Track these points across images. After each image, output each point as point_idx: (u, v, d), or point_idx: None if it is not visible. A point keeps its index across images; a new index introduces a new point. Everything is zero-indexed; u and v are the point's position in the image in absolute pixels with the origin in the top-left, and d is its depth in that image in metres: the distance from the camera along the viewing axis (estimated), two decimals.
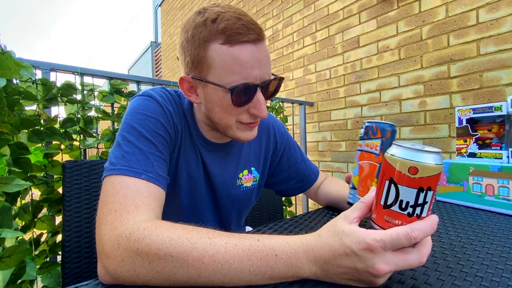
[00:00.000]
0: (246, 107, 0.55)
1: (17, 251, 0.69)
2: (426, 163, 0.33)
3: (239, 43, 0.49)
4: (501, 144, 0.83)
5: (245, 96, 0.52)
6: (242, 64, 0.49)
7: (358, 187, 0.53)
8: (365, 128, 0.52)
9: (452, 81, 1.59)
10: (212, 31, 0.49)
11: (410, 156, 0.33)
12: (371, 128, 0.51)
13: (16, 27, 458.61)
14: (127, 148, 0.49)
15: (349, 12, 2.16)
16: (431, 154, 0.33)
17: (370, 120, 0.52)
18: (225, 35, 0.48)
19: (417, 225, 0.33)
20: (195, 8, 4.68)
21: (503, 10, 1.40)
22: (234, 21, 0.49)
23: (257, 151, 0.75)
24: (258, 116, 0.55)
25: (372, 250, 0.33)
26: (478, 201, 0.75)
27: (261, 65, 0.51)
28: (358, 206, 0.38)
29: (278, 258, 0.36)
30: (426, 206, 0.34)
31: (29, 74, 0.90)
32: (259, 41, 0.51)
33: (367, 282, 0.35)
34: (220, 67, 0.50)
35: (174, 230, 0.38)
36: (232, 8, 0.51)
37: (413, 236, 0.32)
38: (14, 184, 0.74)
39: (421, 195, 0.33)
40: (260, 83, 0.53)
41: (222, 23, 0.48)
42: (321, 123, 2.42)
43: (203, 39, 0.50)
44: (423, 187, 0.33)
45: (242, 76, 0.50)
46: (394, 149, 0.35)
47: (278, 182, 0.82)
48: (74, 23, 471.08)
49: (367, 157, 0.51)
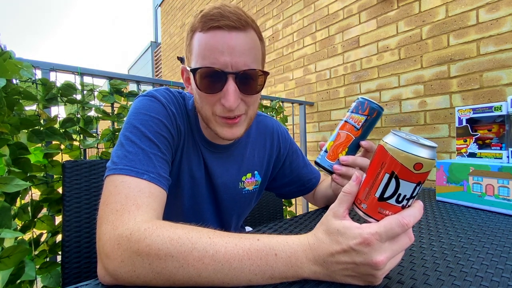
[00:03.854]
0: (218, 96, 0.53)
1: (16, 251, 0.69)
2: (430, 158, 0.32)
3: (211, 28, 0.50)
4: (501, 144, 0.83)
5: (212, 82, 0.52)
6: (211, 49, 0.50)
7: (329, 151, 0.57)
8: (357, 103, 0.56)
9: (452, 81, 1.59)
10: (196, 21, 0.52)
11: (416, 151, 0.32)
12: (362, 104, 0.55)
13: (17, 27, 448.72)
14: (130, 148, 0.49)
15: (349, 12, 2.16)
16: (432, 150, 0.33)
17: (364, 97, 0.53)
18: (202, 22, 0.51)
19: (407, 212, 0.34)
20: (195, 8, 4.68)
21: (503, 10, 1.40)
22: (211, 9, 0.51)
23: (261, 155, 0.75)
24: (225, 107, 0.53)
25: (368, 243, 0.33)
26: (478, 201, 0.75)
27: (233, 53, 0.50)
28: (344, 198, 0.38)
29: (278, 257, 0.36)
30: (415, 198, 0.35)
31: (29, 74, 0.89)
32: (235, 29, 0.50)
33: (368, 277, 0.35)
34: (197, 53, 0.52)
35: (174, 230, 0.38)
36: (224, 4, 0.52)
37: (406, 223, 0.33)
38: (14, 184, 0.74)
39: (417, 189, 0.34)
40: (232, 71, 0.51)
41: (203, 12, 0.51)
42: (321, 123, 2.42)
43: (190, 30, 0.54)
44: (421, 181, 0.34)
45: (210, 61, 0.51)
46: (396, 140, 0.33)
47: (280, 186, 0.82)
48: (75, 23, 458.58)
49: (347, 129, 0.55)
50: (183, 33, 5.15)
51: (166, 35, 5.96)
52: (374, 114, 0.54)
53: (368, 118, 0.54)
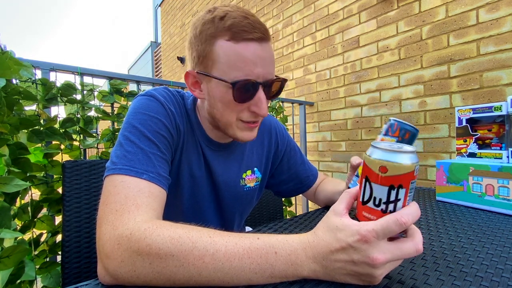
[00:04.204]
0: (247, 104, 0.55)
1: (16, 251, 0.69)
2: (395, 162, 0.34)
3: (243, 40, 0.50)
4: (501, 144, 0.83)
5: (247, 93, 0.53)
6: (245, 61, 0.51)
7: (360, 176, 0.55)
8: (387, 125, 0.54)
9: (452, 81, 1.59)
10: (219, 28, 0.51)
11: (381, 156, 0.35)
12: (392, 126, 0.52)
13: (17, 27, 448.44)
14: (129, 148, 0.49)
15: (349, 12, 2.16)
16: (402, 154, 0.34)
17: (395, 118, 0.52)
18: (231, 32, 0.50)
19: (404, 210, 0.34)
20: (195, 8, 4.68)
21: (503, 10, 1.40)
22: (241, 19, 0.51)
23: (260, 152, 0.75)
24: (258, 114, 0.56)
25: (366, 240, 0.33)
26: (478, 201, 0.75)
27: (264, 64, 0.52)
28: (343, 196, 0.39)
29: (278, 255, 0.37)
30: (400, 203, 0.35)
31: (29, 74, 0.89)
32: (263, 40, 0.52)
33: (366, 275, 0.35)
34: (224, 62, 0.51)
35: (174, 230, 0.38)
36: (241, 9, 0.53)
37: (403, 221, 0.33)
38: (13, 184, 0.74)
39: (393, 193, 0.35)
40: (262, 82, 0.54)
41: (229, 20, 0.50)
42: (321, 123, 2.42)
43: (210, 35, 0.52)
44: (394, 185, 0.34)
45: (244, 73, 0.51)
46: (370, 149, 0.37)
47: (277, 183, 0.82)
48: (75, 23, 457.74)
49: None
50: (183, 33, 5.15)
51: (166, 35, 5.96)
52: (407, 135, 0.51)
53: (399, 139, 0.51)
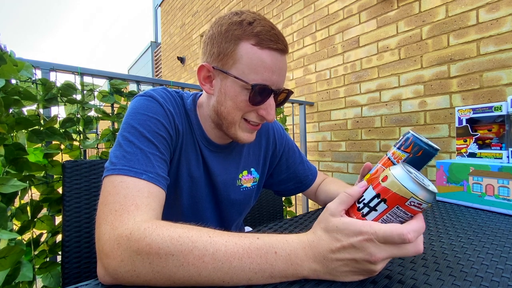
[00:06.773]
0: (257, 107, 0.57)
1: (12, 252, 0.69)
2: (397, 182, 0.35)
3: (268, 48, 0.53)
4: (501, 144, 0.83)
5: (261, 97, 0.56)
6: (265, 67, 0.54)
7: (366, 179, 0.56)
8: (403, 138, 0.51)
9: (452, 81, 1.59)
10: (247, 31, 0.53)
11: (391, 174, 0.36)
12: (406, 140, 0.49)
13: (17, 27, 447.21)
14: (128, 148, 0.49)
15: (349, 12, 2.16)
16: (398, 177, 0.35)
17: (415, 133, 0.49)
18: (258, 38, 0.53)
19: (411, 226, 0.34)
20: (195, 8, 4.68)
21: (503, 10, 1.40)
22: (269, 28, 0.54)
23: (257, 153, 0.75)
24: (265, 119, 0.59)
25: (368, 240, 0.34)
26: (478, 201, 0.75)
27: (280, 74, 0.56)
28: (344, 198, 0.39)
29: (277, 255, 0.37)
30: (374, 213, 0.36)
31: (29, 74, 0.89)
32: (284, 52, 0.56)
33: (366, 271, 0.36)
34: (245, 64, 0.54)
35: (174, 229, 0.38)
36: (267, 19, 0.57)
37: (408, 237, 0.33)
38: (10, 185, 0.73)
39: (375, 200, 0.36)
40: (275, 89, 0.57)
41: (258, 27, 0.54)
42: (321, 123, 2.42)
43: (236, 36, 0.54)
44: (380, 194, 0.36)
45: (262, 78, 0.54)
46: (398, 168, 0.37)
47: (277, 182, 0.83)
48: (75, 23, 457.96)
49: (386, 164, 0.51)
50: (183, 33, 5.15)
51: (166, 35, 5.97)
52: (419, 153, 0.46)
53: (410, 156, 0.47)
